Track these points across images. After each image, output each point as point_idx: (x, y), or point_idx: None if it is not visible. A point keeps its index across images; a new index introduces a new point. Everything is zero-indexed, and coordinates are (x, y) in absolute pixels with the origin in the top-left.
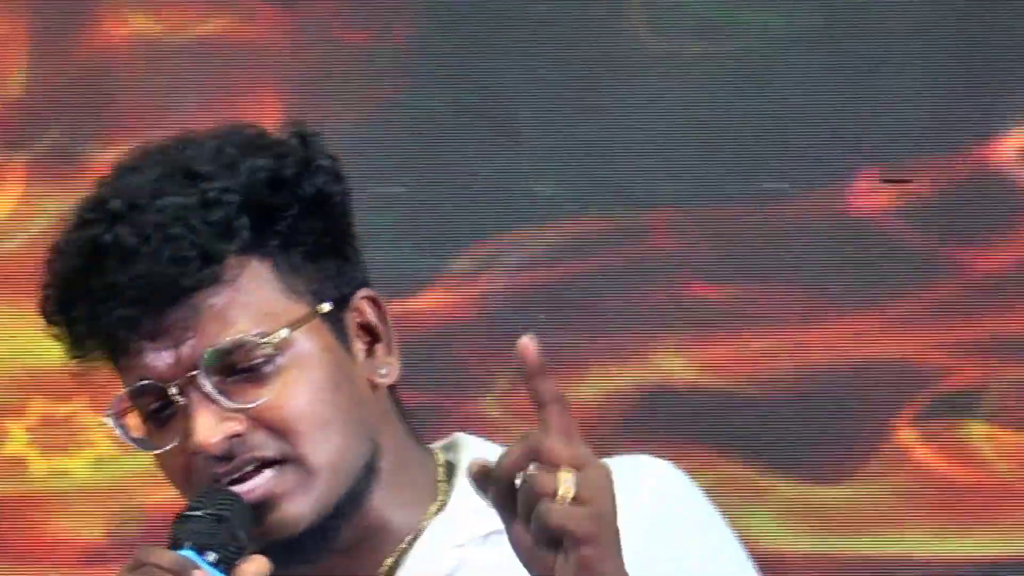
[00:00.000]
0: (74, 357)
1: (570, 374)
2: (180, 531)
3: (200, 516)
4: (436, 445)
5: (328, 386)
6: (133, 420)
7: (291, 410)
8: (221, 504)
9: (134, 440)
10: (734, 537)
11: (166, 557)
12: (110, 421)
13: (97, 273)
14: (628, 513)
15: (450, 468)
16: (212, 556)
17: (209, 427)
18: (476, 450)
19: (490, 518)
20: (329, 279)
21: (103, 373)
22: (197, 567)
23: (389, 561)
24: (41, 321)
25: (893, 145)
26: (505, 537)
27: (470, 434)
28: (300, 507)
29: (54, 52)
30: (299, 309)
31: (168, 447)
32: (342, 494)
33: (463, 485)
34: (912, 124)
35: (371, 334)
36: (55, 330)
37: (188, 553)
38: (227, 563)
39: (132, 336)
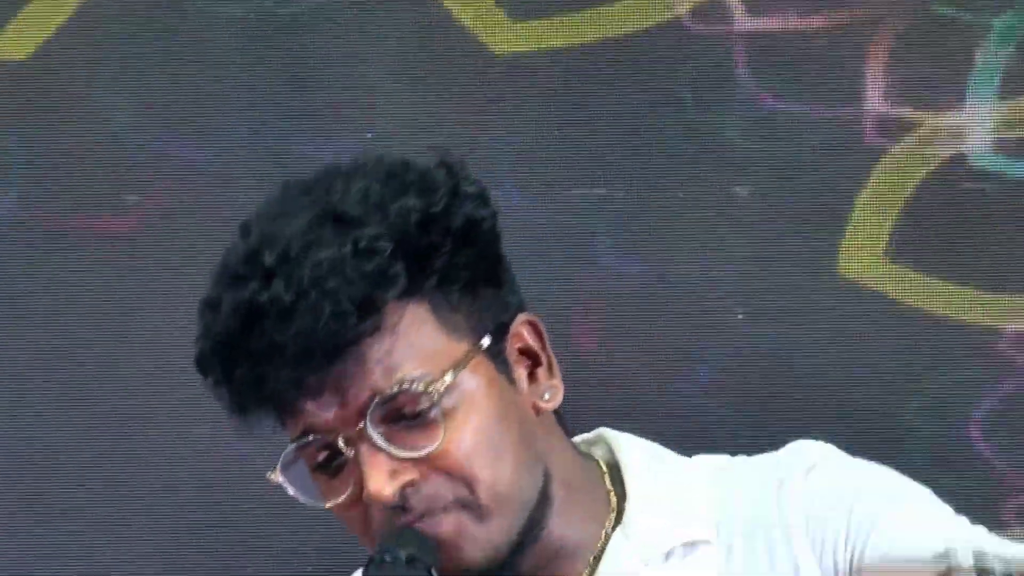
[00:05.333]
0: (236, 416)
1: None
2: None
3: (392, 561)
4: (579, 440)
5: (496, 422)
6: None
7: (462, 454)
8: (410, 546)
9: (305, 495)
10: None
11: None
12: (280, 477)
13: (257, 334)
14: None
15: (612, 470)
16: None
17: (382, 478)
18: (636, 452)
19: (668, 533)
20: (487, 309)
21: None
22: None
23: None
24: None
25: None
26: (687, 554)
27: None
28: (479, 548)
29: None
30: (460, 347)
31: (340, 499)
32: (519, 528)
33: (637, 494)
34: None
35: (531, 358)
36: (214, 388)
37: None
38: None
39: (297, 394)
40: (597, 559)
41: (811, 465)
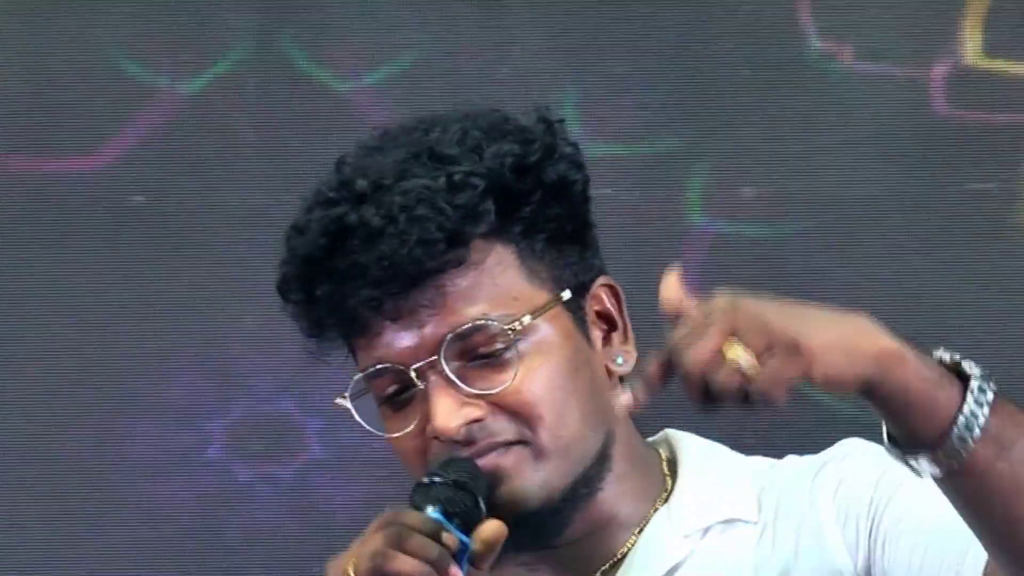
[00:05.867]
0: (310, 336)
1: None
2: (423, 496)
3: (442, 482)
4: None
5: (567, 372)
6: (369, 403)
7: (531, 396)
8: (461, 472)
9: (371, 424)
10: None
11: (416, 518)
12: (348, 404)
13: (342, 253)
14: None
15: (671, 463)
16: (456, 520)
17: (449, 412)
18: (694, 447)
19: (709, 511)
20: (570, 266)
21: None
22: (445, 528)
23: (620, 552)
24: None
25: None
26: (724, 530)
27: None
28: (529, 483)
29: None
30: (541, 295)
31: (405, 431)
32: (574, 478)
33: (687, 478)
34: None
35: (608, 322)
36: (294, 309)
37: (434, 515)
38: (468, 528)
39: (375, 316)
40: (641, 532)
41: (848, 454)
